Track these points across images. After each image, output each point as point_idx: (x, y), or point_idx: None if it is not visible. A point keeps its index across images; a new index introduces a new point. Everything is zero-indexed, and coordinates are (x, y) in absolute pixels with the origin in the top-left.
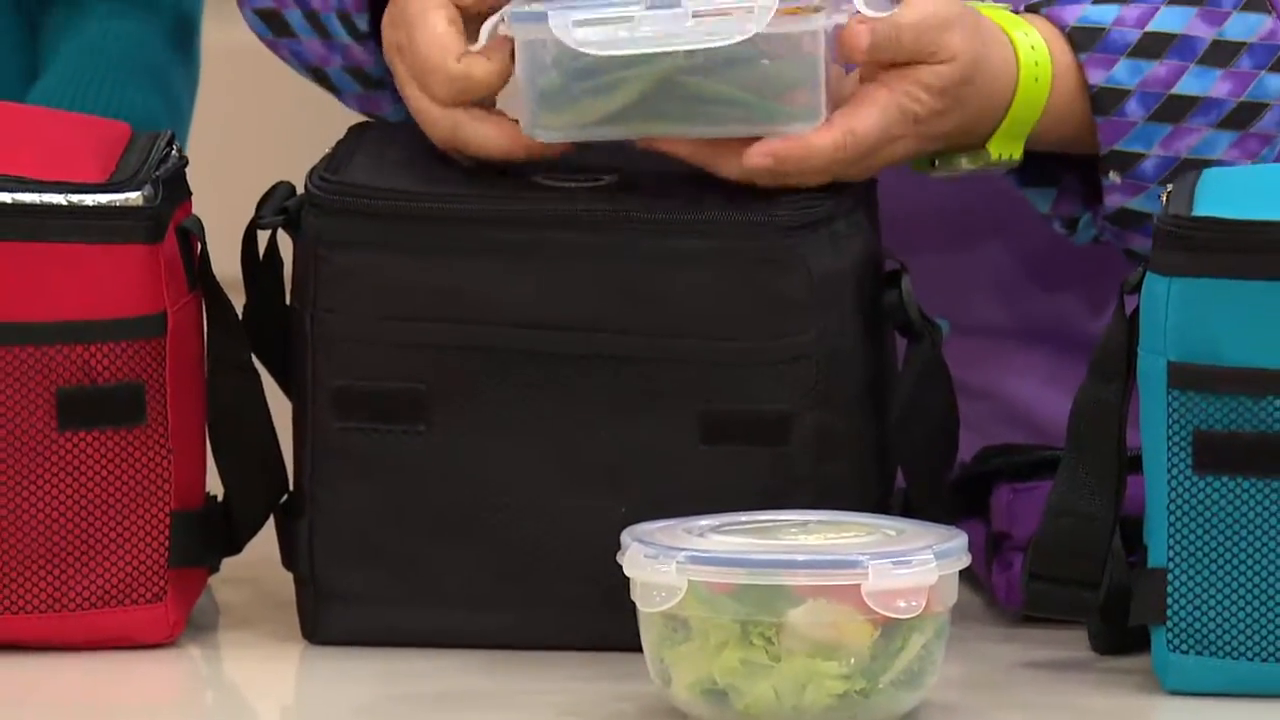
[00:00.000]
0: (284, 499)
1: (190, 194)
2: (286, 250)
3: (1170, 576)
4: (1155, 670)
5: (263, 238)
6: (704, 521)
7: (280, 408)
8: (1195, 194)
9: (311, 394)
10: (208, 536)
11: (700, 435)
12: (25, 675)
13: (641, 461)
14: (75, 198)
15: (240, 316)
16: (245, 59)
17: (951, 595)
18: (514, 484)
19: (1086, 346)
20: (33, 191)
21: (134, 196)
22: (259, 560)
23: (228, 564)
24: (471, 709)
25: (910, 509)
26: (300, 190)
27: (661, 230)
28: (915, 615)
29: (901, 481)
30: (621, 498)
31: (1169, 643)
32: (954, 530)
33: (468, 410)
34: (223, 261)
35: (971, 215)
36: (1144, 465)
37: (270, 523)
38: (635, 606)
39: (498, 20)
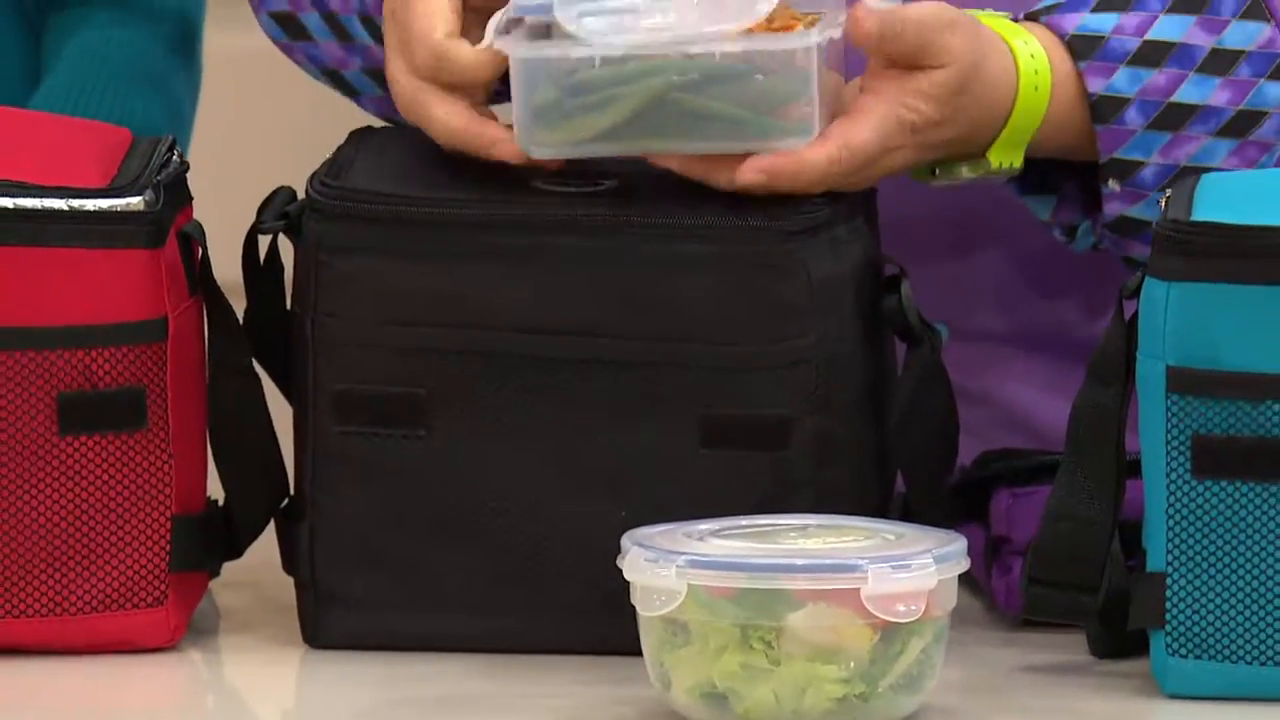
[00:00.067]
0: (285, 503)
1: (191, 199)
2: (287, 255)
3: (1169, 581)
4: (1154, 674)
5: (263, 243)
6: (704, 526)
7: (281, 412)
8: (1194, 199)
9: (312, 398)
10: (208, 541)
11: (700, 440)
12: (26, 679)
13: (641, 466)
14: (76, 203)
15: (241, 321)
16: (247, 65)
17: (951, 599)
18: (514, 488)
19: (1085, 352)
20: (34, 196)
21: (135, 201)
22: (260, 564)
23: (228, 568)
24: (472, 713)
25: (910, 513)
26: (301, 195)
27: (661, 235)
28: (914, 619)
29: (901, 486)
30: (621, 502)
31: (1168, 647)
32: (953, 534)
33: (468, 415)
34: (224, 266)
35: (971, 221)
36: (1143, 470)
37: (271, 527)
38: (635, 610)
39: (503, 15)
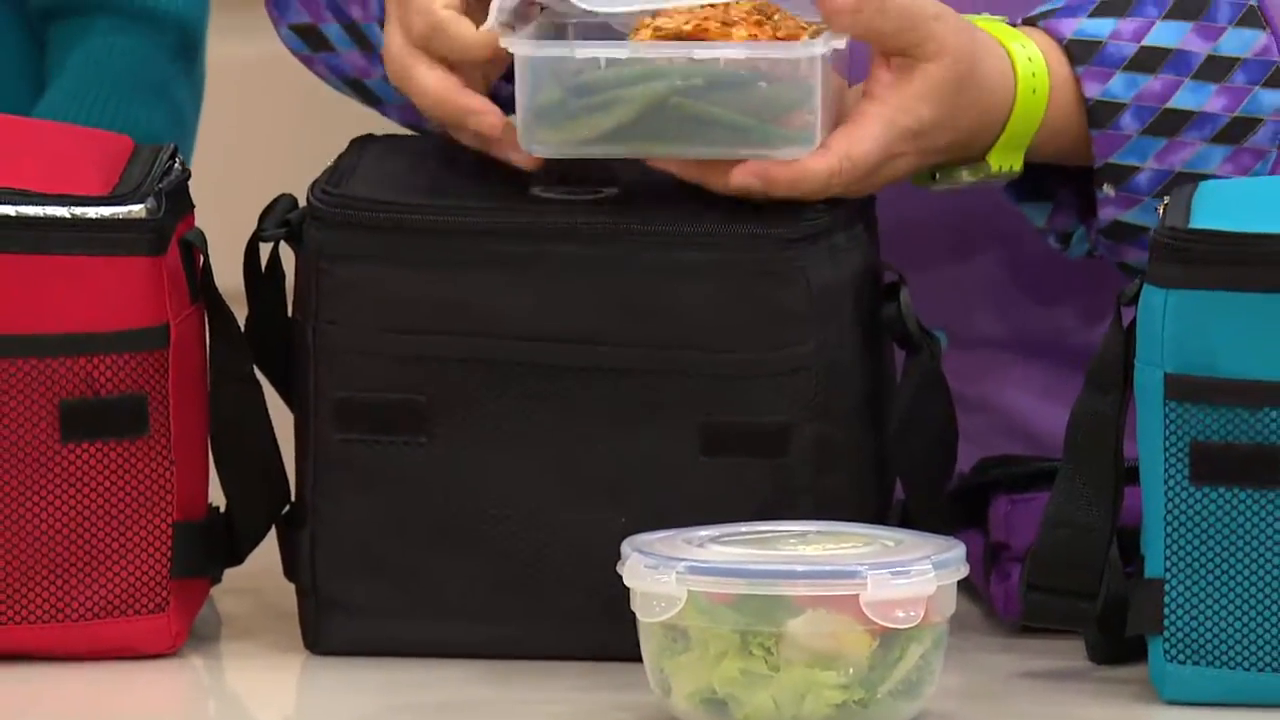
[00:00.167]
0: (286, 510)
1: (193, 206)
2: (289, 263)
3: (1167, 587)
4: (1152, 680)
5: (265, 250)
6: (704, 532)
7: (282, 419)
8: (1192, 206)
9: (313, 405)
10: (210, 547)
11: (700, 447)
12: (28, 685)
13: (641, 473)
14: (78, 210)
15: (242, 328)
16: (249, 73)
17: (950, 605)
18: (514, 495)
19: (1083, 358)
20: (36, 204)
21: (137, 209)
22: (261, 571)
23: (230, 574)
24: (472, 719)
25: (909, 520)
26: (302, 203)
27: (661, 243)
28: (913, 625)
29: (900, 492)
30: (621, 509)
31: (1166, 653)
32: (952, 541)
33: (468, 422)
34: (225, 274)
35: (970, 228)
36: (1141, 476)
37: (272, 533)
38: (635, 616)
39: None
